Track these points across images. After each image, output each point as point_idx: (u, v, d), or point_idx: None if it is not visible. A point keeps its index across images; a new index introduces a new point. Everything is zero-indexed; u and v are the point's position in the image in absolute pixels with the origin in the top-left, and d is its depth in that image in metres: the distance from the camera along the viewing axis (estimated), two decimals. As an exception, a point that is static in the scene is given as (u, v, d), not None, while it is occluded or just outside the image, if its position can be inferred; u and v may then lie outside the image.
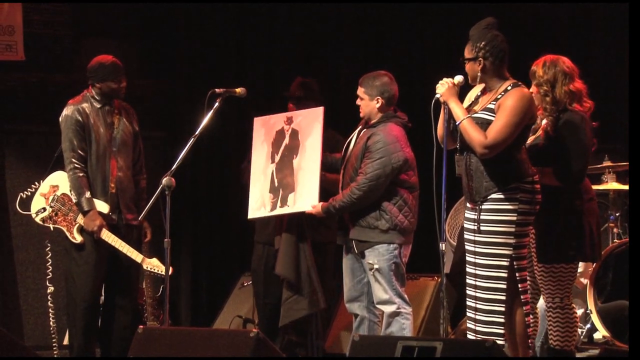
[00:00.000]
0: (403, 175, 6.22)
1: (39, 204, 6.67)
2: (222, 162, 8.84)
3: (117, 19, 8.76)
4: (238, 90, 6.42)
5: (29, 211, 6.75)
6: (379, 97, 6.27)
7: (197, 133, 6.19)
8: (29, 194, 6.82)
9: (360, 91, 6.32)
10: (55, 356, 7.20)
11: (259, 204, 6.62)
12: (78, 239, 6.53)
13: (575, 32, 8.89)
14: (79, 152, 6.54)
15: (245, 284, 8.07)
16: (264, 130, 6.71)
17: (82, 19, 8.68)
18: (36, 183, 6.80)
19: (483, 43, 5.47)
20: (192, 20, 8.83)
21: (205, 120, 6.21)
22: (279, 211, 6.53)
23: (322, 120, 6.44)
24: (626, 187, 7.59)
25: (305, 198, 6.40)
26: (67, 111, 6.61)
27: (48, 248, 7.00)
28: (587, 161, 5.89)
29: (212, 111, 6.24)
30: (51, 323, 7.39)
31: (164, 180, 5.99)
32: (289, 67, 8.80)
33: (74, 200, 6.54)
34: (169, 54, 8.88)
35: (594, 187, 7.45)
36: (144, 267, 6.55)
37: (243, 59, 8.89)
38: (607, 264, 7.11)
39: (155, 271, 6.53)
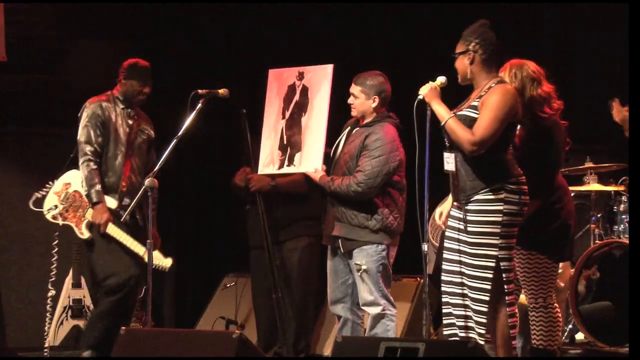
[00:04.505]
0: (396, 177, 6.18)
1: (52, 202, 6.70)
2: (208, 163, 8.83)
3: (103, 20, 8.76)
4: (221, 91, 6.42)
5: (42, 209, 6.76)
6: (375, 97, 6.22)
7: (179, 134, 6.18)
8: (45, 193, 6.81)
9: (355, 90, 6.25)
10: (45, 355, 7.17)
11: (269, 161, 6.56)
12: (86, 234, 6.56)
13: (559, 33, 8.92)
14: (95, 146, 6.59)
15: (228, 285, 8.08)
16: (277, 83, 6.62)
17: (68, 19, 8.67)
18: (50, 182, 6.80)
19: (474, 36, 5.50)
20: (177, 21, 8.83)
21: (187, 121, 6.21)
22: (286, 170, 6.49)
23: (330, 79, 6.36)
24: (608, 188, 7.62)
25: (310, 159, 6.34)
26: (88, 106, 6.66)
27: (55, 250, 6.95)
28: (557, 171, 5.87)
29: (194, 112, 6.23)
30: (46, 327, 7.32)
31: (147, 181, 5.99)
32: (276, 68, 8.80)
33: (84, 193, 6.58)
34: (153, 54, 8.86)
35: (576, 188, 7.50)
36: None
37: (228, 60, 8.88)
38: (587, 265, 7.14)
39: (159, 263, 6.50)
